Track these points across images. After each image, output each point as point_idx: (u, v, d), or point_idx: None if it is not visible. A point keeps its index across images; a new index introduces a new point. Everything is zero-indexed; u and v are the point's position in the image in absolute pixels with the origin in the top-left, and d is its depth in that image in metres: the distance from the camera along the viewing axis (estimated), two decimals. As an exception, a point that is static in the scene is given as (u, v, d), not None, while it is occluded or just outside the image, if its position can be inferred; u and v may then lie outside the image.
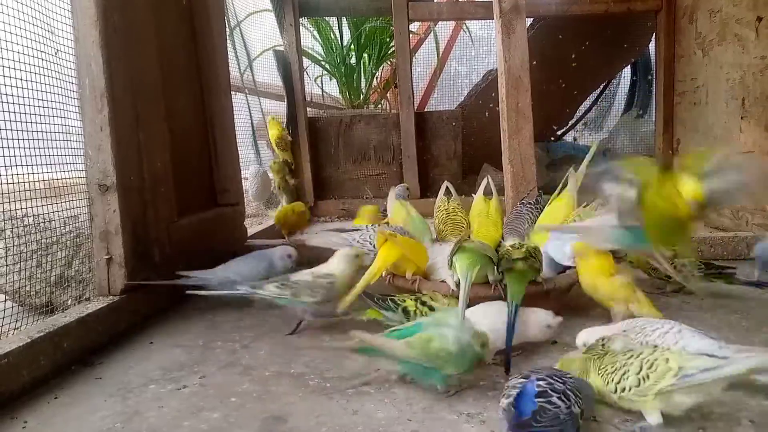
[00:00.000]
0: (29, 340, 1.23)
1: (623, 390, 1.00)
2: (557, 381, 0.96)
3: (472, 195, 2.10)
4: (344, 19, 4.10)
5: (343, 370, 1.29)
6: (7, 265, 1.50)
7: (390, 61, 4.35)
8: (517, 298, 1.29)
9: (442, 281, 1.53)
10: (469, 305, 1.31)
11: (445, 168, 3.78)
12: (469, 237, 1.54)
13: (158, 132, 1.79)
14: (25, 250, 1.56)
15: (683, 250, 1.64)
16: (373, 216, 2.59)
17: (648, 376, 0.97)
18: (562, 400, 0.92)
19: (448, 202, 1.98)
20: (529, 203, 1.84)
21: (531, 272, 1.37)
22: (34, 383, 1.23)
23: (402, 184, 2.68)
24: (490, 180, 2.12)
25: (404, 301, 1.42)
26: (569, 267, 1.56)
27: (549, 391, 0.94)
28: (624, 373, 1.00)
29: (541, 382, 0.95)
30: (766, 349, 1.03)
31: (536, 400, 0.92)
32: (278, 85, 3.80)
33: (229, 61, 2.52)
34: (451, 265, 1.43)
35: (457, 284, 1.43)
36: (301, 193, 3.74)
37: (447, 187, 2.09)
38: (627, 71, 4.61)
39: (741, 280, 1.72)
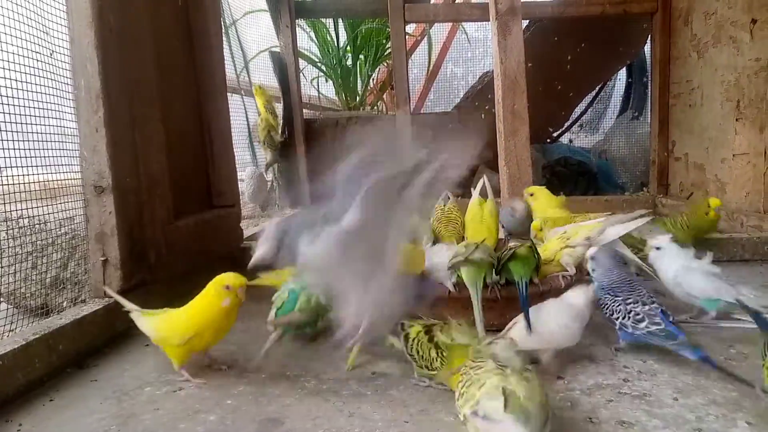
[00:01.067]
0: (24, 343, 1.23)
1: None
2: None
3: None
4: (340, 20, 4.10)
5: (340, 372, 1.28)
6: (2, 267, 1.49)
7: (386, 62, 4.35)
8: (526, 276, 1.40)
9: (440, 283, 1.52)
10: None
11: (442, 169, 3.77)
12: (477, 245, 1.51)
13: (154, 133, 1.78)
14: (20, 252, 1.55)
15: None
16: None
17: None
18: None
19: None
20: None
21: (533, 259, 1.43)
22: (29, 386, 1.23)
23: None
24: (486, 181, 2.11)
25: (411, 327, 1.27)
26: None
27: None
28: None
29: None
30: None
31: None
32: (274, 86, 3.79)
33: (226, 62, 2.52)
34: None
35: (455, 285, 1.44)
36: (293, 174, 3.67)
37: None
38: (622, 73, 4.63)
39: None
